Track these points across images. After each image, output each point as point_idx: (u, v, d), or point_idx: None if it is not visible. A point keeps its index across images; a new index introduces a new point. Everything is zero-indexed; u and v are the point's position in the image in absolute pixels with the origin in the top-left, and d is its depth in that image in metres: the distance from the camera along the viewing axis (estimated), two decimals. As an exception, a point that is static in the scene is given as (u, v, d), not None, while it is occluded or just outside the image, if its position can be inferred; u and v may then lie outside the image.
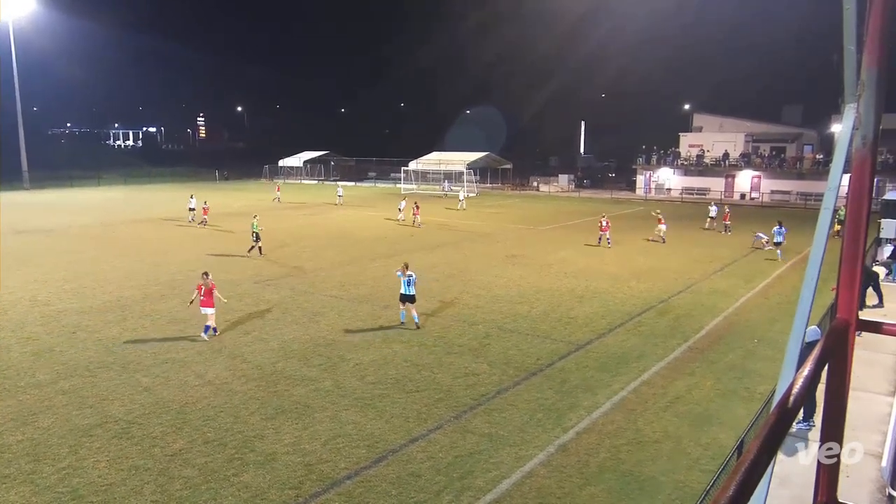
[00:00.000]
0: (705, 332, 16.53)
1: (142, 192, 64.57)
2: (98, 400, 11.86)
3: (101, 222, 37.75)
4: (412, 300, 16.46)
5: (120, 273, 23.01)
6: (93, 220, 38.42)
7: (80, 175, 73.15)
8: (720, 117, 64.48)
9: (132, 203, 52.12)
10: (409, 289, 16.30)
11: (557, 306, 18.82)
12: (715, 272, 24.13)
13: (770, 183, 56.55)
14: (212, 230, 34.83)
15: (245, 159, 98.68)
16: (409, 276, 16.28)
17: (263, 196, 54.26)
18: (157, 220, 39.54)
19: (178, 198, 56.91)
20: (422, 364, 13.83)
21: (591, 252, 28.32)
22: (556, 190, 66.99)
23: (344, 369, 13.50)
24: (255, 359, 14.12)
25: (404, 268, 16.46)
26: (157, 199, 55.41)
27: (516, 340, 15.56)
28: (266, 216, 41.59)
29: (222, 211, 45.11)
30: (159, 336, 15.65)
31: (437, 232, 34.70)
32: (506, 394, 12.31)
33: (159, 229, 35.24)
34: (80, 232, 32.95)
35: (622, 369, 13.67)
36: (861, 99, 2.24)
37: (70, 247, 28.47)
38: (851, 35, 2.28)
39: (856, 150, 2.25)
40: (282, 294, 20.09)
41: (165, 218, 40.24)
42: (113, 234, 33.23)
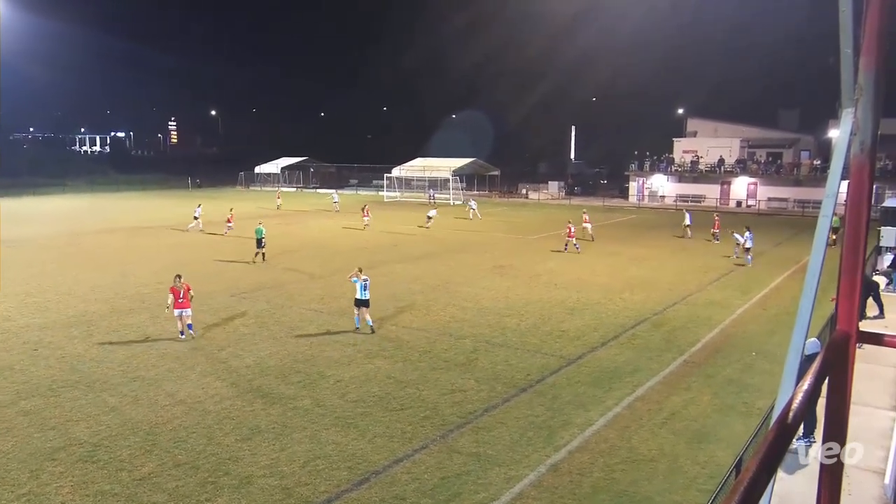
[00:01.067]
0: (701, 345, 16.62)
1: (109, 200, 63.98)
2: (62, 421, 11.68)
3: (67, 232, 37.35)
4: (366, 304, 17.19)
5: (86, 286, 22.75)
6: (57, 230, 38.01)
7: (45, 182, 72.48)
8: (715, 122, 65.24)
9: (99, 212, 51.61)
10: (364, 293, 17.04)
11: (548, 319, 18.85)
12: (711, 283, 24.31)
13: (766, 190, 57.20)
14: (186, 240, 34.57)
15: (219, 166, 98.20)
16: (363, 280, 17.01)
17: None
18: (129, 229, 39.18)
19: (148, 206, 56.48)
20: (406, 380, 13.78)
21: (582, 262, 28.43)
22: (545, 197, 67.28)
23: (324, 386, 13.41)
24: (230, 376, 13.99)
25: (358, 272, 17.30)
26: (125, 208, 54.92)
27: (505, 355, 15.55)
28: (242, 226, 41.37)
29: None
30: (127, 353, 15.47)
31: (420, 242, 34.69)
32: (494, 411, 12.29)
33: (128, 239, 34.92)
34: (44, 243, 32.57)
35: (616, 384, 13.70)
36: (859, 103, 2.27)
37: (33, 258, 28.12)
38: (848, 37, 2.31)
39: (854, 156, 2.28)
40: (258, 307, 19.96)
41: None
42: (79, 244, 32.87)
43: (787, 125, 64.40)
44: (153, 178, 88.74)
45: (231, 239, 34.90)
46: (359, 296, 17.10)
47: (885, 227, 22.27)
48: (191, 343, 16.22)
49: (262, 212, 41.58)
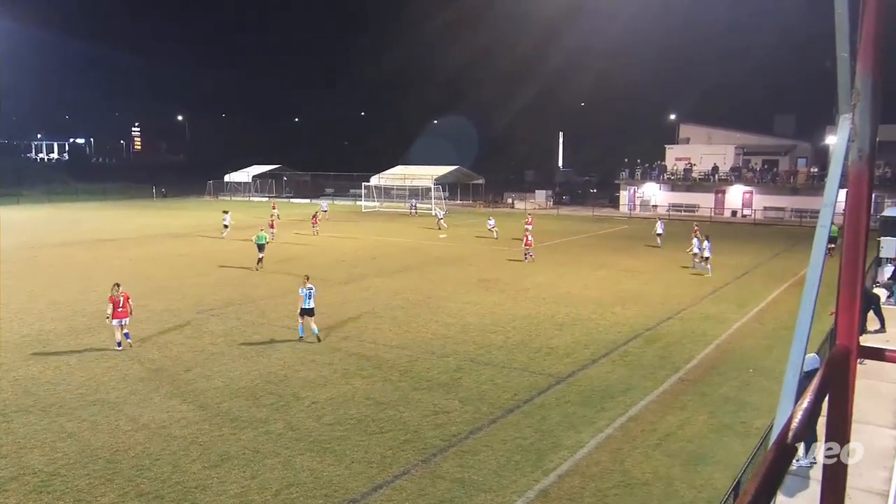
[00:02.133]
0: (697, 361, 16.73)
1: (68, 210, 63.28)
2: (14, 449, 11.46)
3: (22, 245, 36.85)
4: (312, 313, 17.89)
5: (42, 302, 22.43)
6: (12, 243, 37.46)
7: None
8: (708, 128, 66.03)
9: (57, 223, 51.01)
10: (309, 301, 17.76)
11: (536, 335, 18.89)
12: (705, 296, 24.51)
13: (762, 199, 57.92)
14: (149, 253, 34.26)
15: (186, 174, 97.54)
16: (308, 288, 17.75)
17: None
18: (89, 241, 38.77)
19: (109, 217, 55.93)
20: (386, 402, 13.72)
21: (572, 276, 28.56)
22: (532, 207, 67.60)
23: (298, 409, 13.31)
24: (197, 399, 13.84)
25: (304, 280, 18.07)
26: (85, 219, 54.32)
27: (491, 374, 15.54)
28: (207, 238, 41.07)
29: (160, 232, 44.48)
30: (86, 374, 15.25)
31: (401, 254, 34.67)
32: (480, 433, 12.26)
33: (89, 252, 34.53)
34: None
35: (607, 404, 13.73)
36: (856, 109, 2.31)
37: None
38: (845, 41, 2.34)
39: (852, 164, 2.32)
40: (228, 325, 19.80)
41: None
42: (35, 258, 32.43)
43: (783, 131, 65.35)
44: (115, 187, 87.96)
45: (208, 251, 34.62)
46: (304, 304, 17.78)
47: (885, 237, 22.62)
48: (155, 363, 16.04)
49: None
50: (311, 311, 17.89)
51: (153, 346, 17.55)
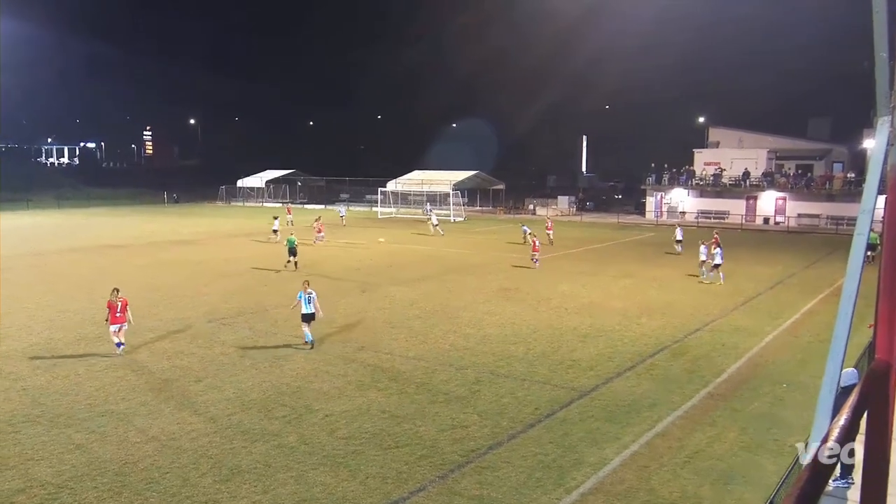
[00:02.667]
0: (727, 375, 16.57)
1: (78, 216, 64.20)
2: (22, 460, 11.60)
3: (30, 252, 37.40)
4: (311, 319, 18.35)
5: (51, 311, 22.72)
6: (20, 250, 38.04)
7: (7, 198, 72.58)
8: (739, 131, 65.62)
9: (67, 229, 51.73)
10: (308, 307, 18.22)
11: (558, 347, 18.81)
12: (736, 307, 24.29)
13: (796, 205, 57.38)
14: (161, 260, 34.61)
15: (198, 179, 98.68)
16: (309, 293, 18.24)
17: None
18: (99, 248, 39.27)
19: (120, 223, 56.62)
20: (402, 415, 13.71)
21: (595, 285, 28.44)
22: (554, 213, 67.45)
23: (311, 422, 13.34)
24: (208, 410, 13.92)
25: (305, 285, 18.61)
26: (95, 225, 55.06)
27: (511, 387, 15.49)
28: (220, 244, 41.48)
29: (172, 238, 44.95)
30: (95, 384, 15.41)
31: (418, 262, 34.72)
32: (499, 449, 12.21)
33: (99, 259, 34.96)
34: (2, 264, 32.54)
35: (633, 419, 13.63)
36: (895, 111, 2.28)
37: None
38: (883, 41, 2.32)
39: (891, 169, 2.29)
40: (239, 334, 19.92)
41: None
42: (44, 265, 32.89)
43: (817, 135, 64.75)
44: (126, 192, 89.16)
45: (219, 260, 34.94)
46: (304, 310, 18.24)
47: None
48: (165, 373, 16.17)
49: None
50: (311, 316, 18.35)
51: (163, 355, 17.71)
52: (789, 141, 63.70)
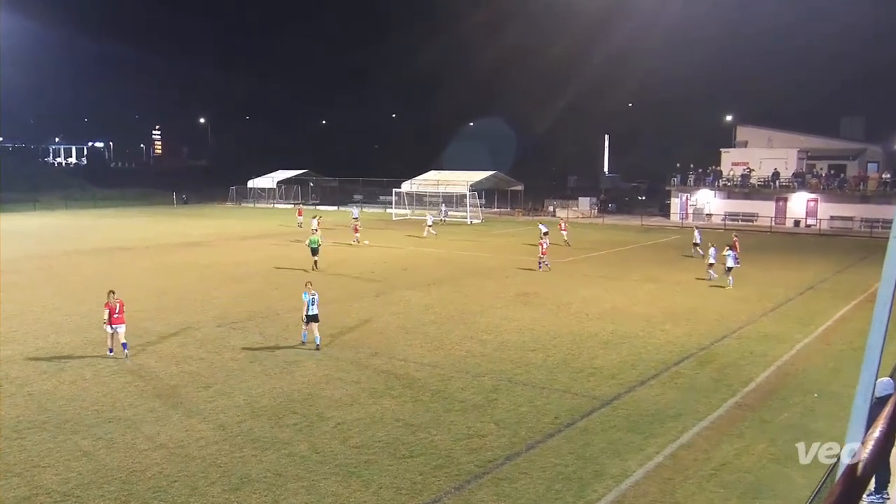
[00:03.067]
0: (755, 385, 16.44)
1: (86, 217, 64.88)
2: (27, 467, 11.72)
3: (37, 254, 37.84)
4: (316, 320, 18.86)
5: (58, 314, 22.96)
6: (26, 252, 38.50)
7: (14, 198, 73.57)
8: (768, 130, 65.13)
9: (74, 230, 52.31)
10: (312, 308, 18.71)
11: (578, 354, 18.75)
12: (765, 313, 24.10)
13: (829, 207, 56.85)
14: (168, 262, 34.88)
15: (208, 180, 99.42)
16: (312, 294, 18.74)
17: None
18: (107, 250, 39.65)
19: (128, 225, 57.14)
20: (417, 424, 13.72)
21: (618, 289, 28.32)
22: (575, 215, 67.28)
23: (323, 430, 13.38)
24: (217, 417, 14.00)
25: (308, 286, 19.08)
26: (103, 226, 55.60)
27: (529, 395, 15.46)
28: (230, 246, 41.75)
29: (181, 240, 45.30)
30: (102, 390, 15.55)
31: (433, 265, 34.76)
32: (517, 459, 12.19)
33: (107, 261, 35.29)
34: (8, 266, 32.96)
35: (657, 430, 13.55)
36: (934, 109, 2.25)
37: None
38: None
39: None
40: (250, 339, 20.03)
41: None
42: (50, 267, 33.26)
43: (851, 134, 64.16)
44: (134, 192, 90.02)
45: (227, 264, 35.17)
46: (308, 311, 18.70)
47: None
48: (173, 379, 16.29)
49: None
50: (315, 317, 18.84)
51: (171, 360, 17.84)
52: (821, 140, 63.14)
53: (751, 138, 65.42)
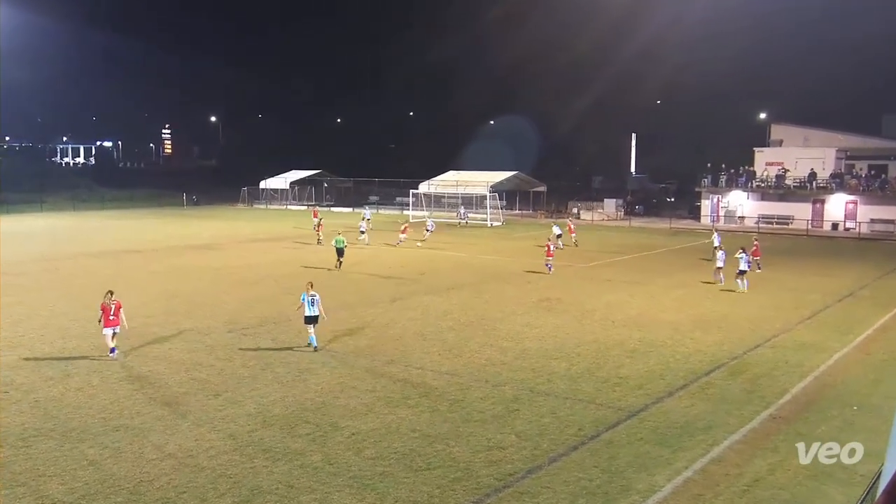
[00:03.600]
0: (790, 396, 16.28)
1: (94, 219, 65.63)
2: (33, 476, 11.85)
3: (43, 256, 38.29)
4: (315, 321, 19.42)
5: (64, 319, 23.22)
6: (32, 255, 38.98)
7: (20, 199, 74.61)
8: (805, 128, 64.58)
9: (82, 232, 52.93)
10: (312, 309, 19.29)
11: (603, 363, 18.68)
12: (802, 321, 23.88)
13: (868, 210, 56.25)
14: (178, 265, 35.17)
15: (219, 180, 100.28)
16: (312, 295, 19.29)
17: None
18: (115, 253, 40.06)
19: (137, 227, 57.68)
20: (434, 435, 13.72)
21: (645, 295, 28.18)
22: (601, 218, 67.06)
23: (337, 440, 13.41)
24: (227, 426, 14.08)
25: (308, 287, 19.57)
26: (111, 228, 56.18)
27: (552, 405, 15.41)
28: (241, 249, 42.03)
29: (191, 242, 45.66)
30: (110, 397, 15.69)
31: (452, 269, 34.77)
32: (539, 473, 12.15)
33: (115, 264, 35.65)
34: (14, 269, 33.39)
35: (686, 443, 13.46)
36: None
37: (2, 287, 28.81)
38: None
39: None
40: (261, 346, 20.13)
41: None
42: (57, 270, 33.65)
43: (893, 132, 63.40)
44: (143, 193, 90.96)
45: (239, 266, 35.40)
46: (308, 312, 19.29)
47: None
48: (183, 387, 16.40)
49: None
50: (314, 318, 19.39)
51: (180, 367, 17.97)
52: (861, 139, 62.49)
53: (786, 137, 64.91)
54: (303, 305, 19.41)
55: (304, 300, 19.33)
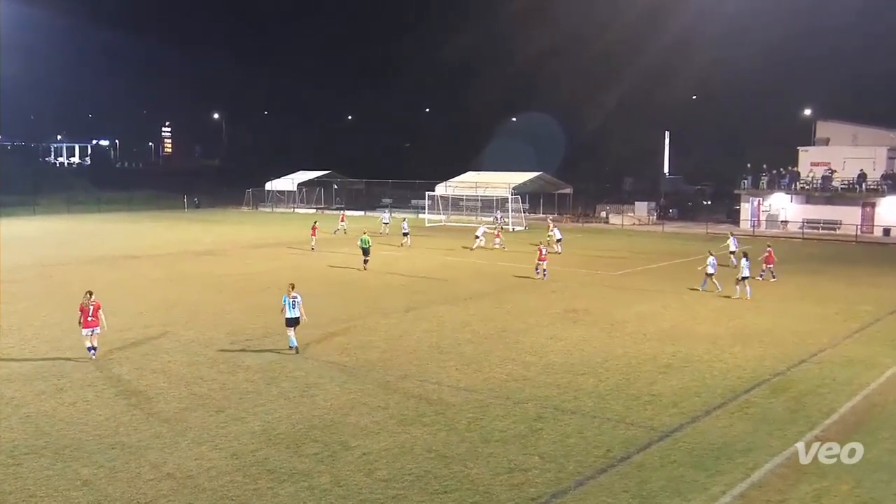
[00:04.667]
0: (838, 416, 16.12)
1: (90, 222, 66.27)
2: (23, 496, 11.93)
3: (36, 262, 38.65)
4: (296, 323, 20.52)
5: (57, 329, 23.37)
6: (25, 260, 39.34)
7: (13, 201, 75.48)
8: (854, 126, 64.00)
9: (77, 237, 53.42)
10: (293, 311, 20.39)
11: (634, 379, 18.59)
12: (851, 334, 23.66)
13: (924, 213, 55.66)
14: (180, 273, 35.38)
15: (222, 181, 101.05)
16: (293, 297, 20.38)
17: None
18: (112, 259, 40.38)
19: (135, 231, 58.10)
20: (451, 455, 13.70)
21: (679, 306, 28.04)
22: (632, 222, 66.80)
23: (347, 461, 13.42)
24: (230, 445, 14.12)
25: (290, 289, 20.62)
26: (108, 233, 56.68)
27: (578, 425, 15.35)
28: (246, 255, 42.24)
29: (193, 248, 45.95)
30: (105, 413, 15.79)
31: (470, 277, 34.76)
32: (564, 497, 12.09)
33: (111, 272, 35.92)
34: (6, 276, 33.69)
35: (724, 466, 13.35)
36: None
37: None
38: None
39: None
40: (266, 359, 20.19)
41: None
42: (50, 278, 33.98)
43: (950, 129, 62.71)
44: (142, 195, 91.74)
45: (248, 274, 35.58)
46: (288, 314, 20.35)
47: None
48: (182, 402, 16.47)
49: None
50: (295, 320, 20.49)
51: (180, 381, 18.06)
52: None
53: (833, 135, 64.34)
54: (284, 307, 20.39)
55: (285, 302, 20.33)
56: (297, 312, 20.46)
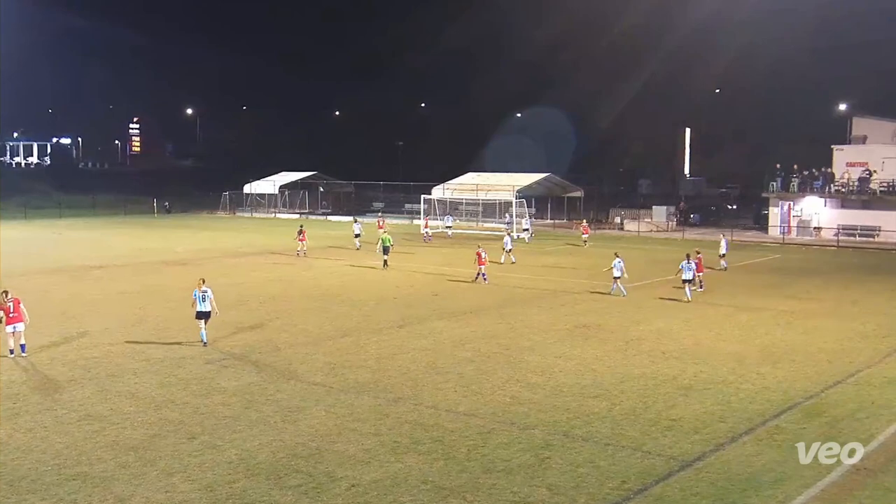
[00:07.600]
0: (878, 443, 16.10)
1: (49, 229, 66.07)
2: (-26, 534, 11.88)
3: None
4: (206, 317, 23.03)
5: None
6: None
7: (-38, 207, 75.16)
8: (894, 122, 64.12)
9: (36, 246, 53.31)
10: (203, 305, 22.87)
11: (652, 402, 18.58)
12: (891, 353, 23.66)
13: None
14: (147, 285, 35.35)
15: (196, 183, 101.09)
16: (204, 291, 22.90)
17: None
18: (74, 270, 40.33)
19: (100, 239, 58.04)
20: (449, 487, 13.67)
21: (701, 322, 28.04)
22: (649, 229, 66.86)
23: (333, 493, 13.39)
24: (204, 476, 14.09)
25: (200, 283, 23.19)
26: (70, 241, 56.61)
27: (590, 453, 15.34)
28: (222, 266, 42.24)
29: (162, 258, 45.93)
30: (65, 440, 15.74)
31: (470, 290, 34.76)
32: (575, 534, 12.07)
33: (73, 284, 35.90)
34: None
35: (751, 499, 13.35)
36: None
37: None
38: None
39: None
40: (244, 380, 20.17)
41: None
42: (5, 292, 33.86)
43: None
44: (107, 199, 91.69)
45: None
46: (199, 308, 22.85)
47: None
48: (152, 428, 16.41)
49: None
50: (206, 314, 22.99)
51: (149, 405, 18.01)
52: (961, 134, 62.04)
53: (871, 132, 64.44)
54: (195, 301, 22.81)
55: (196, 296, 22.81)
56: (208, 306, 22.91)
